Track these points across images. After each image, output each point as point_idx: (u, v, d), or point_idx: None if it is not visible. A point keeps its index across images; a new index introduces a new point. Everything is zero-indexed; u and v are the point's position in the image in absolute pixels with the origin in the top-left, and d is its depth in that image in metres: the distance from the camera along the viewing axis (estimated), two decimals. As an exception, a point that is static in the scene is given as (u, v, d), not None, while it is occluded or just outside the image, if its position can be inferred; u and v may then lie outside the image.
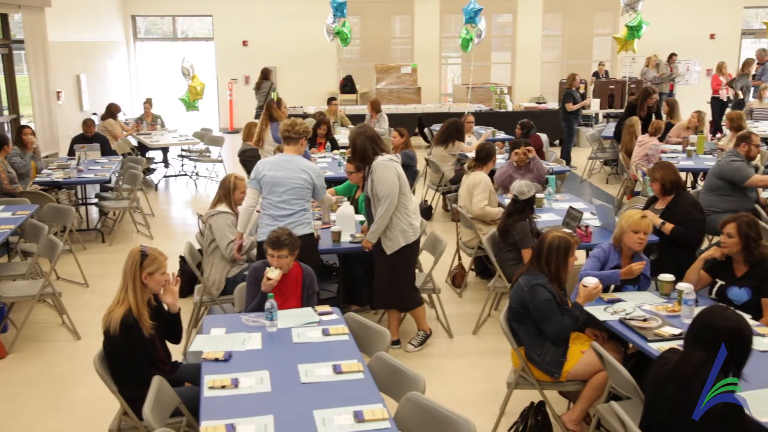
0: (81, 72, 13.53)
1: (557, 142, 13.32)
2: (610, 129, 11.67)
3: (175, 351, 4.41)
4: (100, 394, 4.11)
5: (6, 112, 11.40)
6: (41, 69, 11.36)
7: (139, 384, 3.42)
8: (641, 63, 15.43)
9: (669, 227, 5.44)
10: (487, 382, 4.98)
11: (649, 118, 10.30)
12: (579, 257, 5.01)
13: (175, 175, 12.26)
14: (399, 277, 5.28)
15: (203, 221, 5.63)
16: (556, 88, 15.95)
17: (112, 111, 11.67)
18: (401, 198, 5.10)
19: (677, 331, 3.81)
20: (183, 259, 6.21)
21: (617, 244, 4.58)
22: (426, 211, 8.99)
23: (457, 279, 6.72)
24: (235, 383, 3.29)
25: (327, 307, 4.27)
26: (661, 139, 9.44)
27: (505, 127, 11.93)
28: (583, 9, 17.81)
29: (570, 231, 4.61)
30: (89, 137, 9.94)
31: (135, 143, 11.74)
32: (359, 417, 2.98)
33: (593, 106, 14.48)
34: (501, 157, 8.58)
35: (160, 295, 3.93)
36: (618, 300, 4.32)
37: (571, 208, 5.95)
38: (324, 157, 9.20)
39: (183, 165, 12.33)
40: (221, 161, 11.81)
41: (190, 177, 12.01)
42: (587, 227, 5.61)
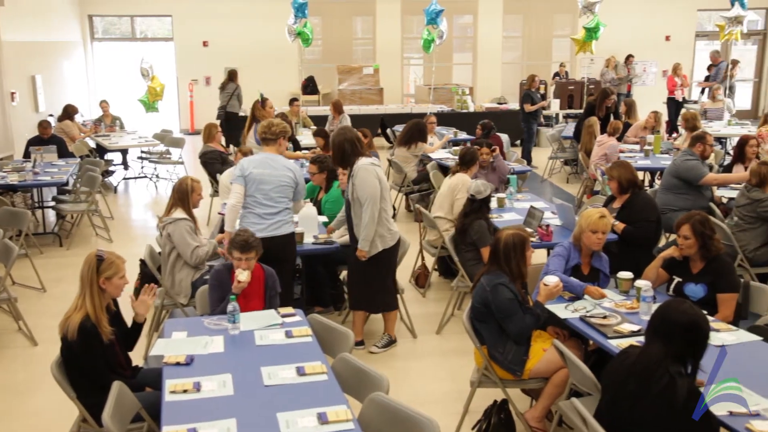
0: (36, 73, 13.25)
1: (518, 142, 13.45)
2: (569, 129, 11.83)
3: (136, 356, 4.35)
4: (58, 400, 4.03)
5: (-42, 113, 11.12)
6: (-5, 70, 11.10)
7: (99, 390, 3.37)
8: (600, 64, 15.67)
9: (620, 227, 5.54)
10: (451, 381, 5.01)
11: (608, 118, 10.47)
12: (539, 256, 5.07)
13: (135, 178, 12.09)
14: (374, 281, 5.28)
15: (160, 228, 5.55)
16: (516, 88, 16.10)
17: (68, 112, 11.46)
18: (381, 203, 5.11)
19: (636, 328, 3.88)
20: (143, 263, 6.12)
21: (577, 242, 4.64)
22: (389, 212, 9.00)
23: (421, 279, 6.74)
24: (197, 387, 3.25)
25: (290, 309, 4.25)
26: (620, 139, 9.61)
27: (467, 128, 12.01)
28: (543, 11, 18.03)
29: (523, 227, 4.67)
30: (46, 139, 9.74)
31: (93, 145, 11.54)
32: (323, 419, 2.97)
33: (553, 106, 14.67)
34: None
35: (132, 304, 3.89)
36: (578, 298, 4.38)
37: (532, 207, 6.02)
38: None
39: (143, 167, 12.16)
40: (182, 163, 11.67)
41: (150, 179, 11.85)
42: (548, 226, 5.67)
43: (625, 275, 4.48)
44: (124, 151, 12.11)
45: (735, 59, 14.44)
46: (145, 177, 11.96)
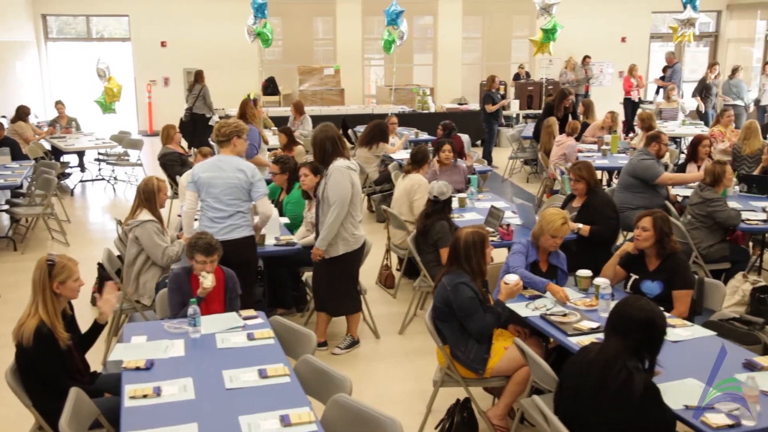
0: (-12, 73, 12.94)
1: (479, 142, 13.55)
2: (529, 129, 11.95)
3: (95, 361, 4.28)
4: (13, 408, 3.93)
5: None
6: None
7: (56, 396, 3.31)
8: (558, 65, 15.87)
9: (586, 230, 5.61)
10: (414, 381, 5.02)
11: (566, 118, 10.61)
12: (501, 255, 5.12)
13: (92, 180, 11.87)
14: (336, 283, 5.28)
15: (126, 231, 5.47)
16: (477, 89, 16.22)
17: (21, 113, 11.20)
18: (351, 207, 5.09)
19: (595, 325, 3.95)
20: (101, 266, 6.02)
21: (536, 241, 4.70)
22: (351, 213, 8.99)
23: (389, 280, 6.75)
24: (158, 392, 3.21)
25: (252, 311, 4.22)
26: (578, 139, 9.74)
27: (428, 128, 12.06)
28: (501, 12, 18.19)
29: (482, 225, 4.71)
30: (-2, 141, 9.52)
31: (48, 147, 11.31)
32: (285, 421, 2.96)
33: (513, 106, 14.81)
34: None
35: (98, 303, 3.83)
36: (539, 296, 4.44)
37: (493, 207, 6.07)
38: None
39: (100, 169, 11.94)
40: (140, 165, 11.50)
41: (108, 181, 11.65)
42: (508, 226, 5.73)
43: (584, 273, 4.55)
44: (80, 153, 11.88)
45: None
46: (103, 179, 11.76)
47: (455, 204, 6.61)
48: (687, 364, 3.53)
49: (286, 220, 6.23)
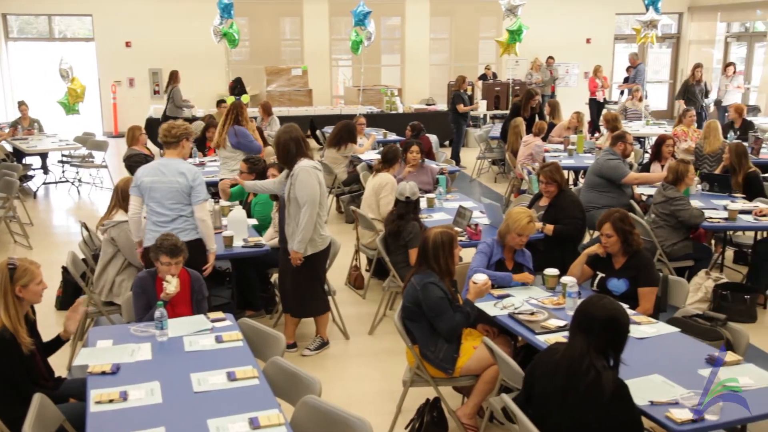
0: (-53, 73, 12.65)
1: (447, 142, 13.61)
2: (496, 129, 12.03)
3: (60, 366, 4.21)
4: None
5: None
6: None
7: (19, 403, 3.24)
8: (524, 66, 16.01)
9: (550, 229, 5.68)
10: (384, 381, 5.03)
11: (533, 118, 10.72)
12: (469, 255, 5.15)
13: (56, 182, 11.67)
14: (303, 285, 5.25)
15: (101, 232, 5.39)
16: (444, 90, 16.30)
17: (-18, 115, 10.98)
18: (318, 208, 5.07)
19: (563, 323, 3.99)
20: (66, 270, 5.92)
21: (501, 239, 4.74)
22: (320, 214, 8.96)
23: (358, 281, 6.74)
24: (124, 396, 3.17)
25: (220, 314, 4.19)
26: (544, 139, 9.84)
27: (396, 129, 12.08)
28: (468, 13, 18.30)
29: (450, 225, 4.75)
30: (-42, 143, 9.32)
31: (10, 149, 11.09)
32: (254, 423, 2.94)
33: (481, 107, 14.91)
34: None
35: (67, 320, 3.78)
36: (507, 295, 4.47)
37: (461, 207, 6.10)
38: (215, 161, 9.00)
39: (64, 171, 11.73)
40: (105, 167, 11.34)
41: (72, 184, 11.46)
42: (477, 225, 5.76)
43: (552, 272, 4.60)
44: (43, 155, 11.67)
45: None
46: (67, 181, 11.56)
47: (424, 204, 6.65)
48: (652, 360, 3.58)
49: (254, 221, 6.19)
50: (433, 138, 10.18)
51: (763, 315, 6.09)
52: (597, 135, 11.91)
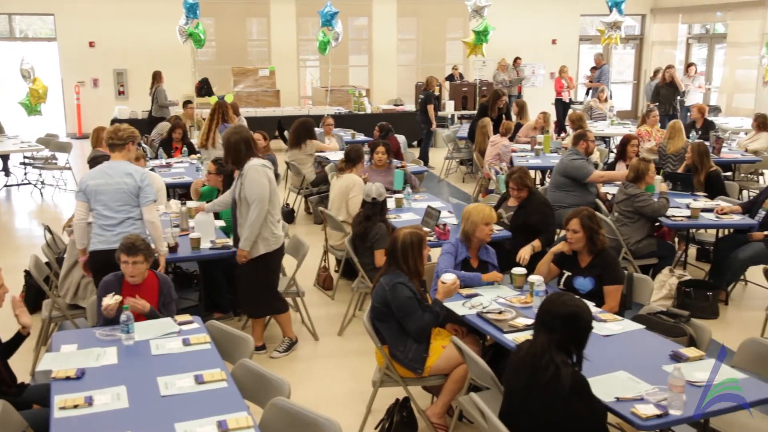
0: None
1: (415, 143, 13.64)
2: (464, 130, 12.10)
3: (23, 372, 4.13)
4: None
5: None
6: None
7: (-20, 410, 3.17)
8: (491, 66, 16.13)
9: (538, 245, 5.58)
10: (353, 381, 5.03)
11: (500, 119, 10.79)
12: (436, 255, 5.17)
13: (18, 185, 11.45)
14: (258, 284, 5.20)
15: (67, 234, 5.29)
16: (412, 90, 16.34)
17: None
18: (269, 206, 5.03)
19: (530, 322, 4.01)
20: (28, 274, 5.82)
21: (466, 238, 4.78)
22: (288, 215, 8.94)
23: (326, 281, 6.72)
24: (89, 401, 3.13)
25: (187, 316, 4.15)
26: (511, 139, 9.93)
27: (365, 129, 12.09)
28: (435, 14, 18.37)
29: (419, 226, 4.78)
30: None
31: (-30, 151, 10.87)
32: (223, 426, 2.92)
33: (448, 107, 14.97)
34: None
35: (18, 318, 3.69)
36: (475, 295, 4.50)
37: (430, 207, 6.12)
38: (181, 162, 8.92)
39: (26, 173, 11.52)
40: (69, 168, 11.15)
41: (35, 186, 11.25)
42: (445, 225, 5.79)
43: (519, 271, 4.65)
44: (4, 157, 11.44)
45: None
46: (30, 184, 11.35)
47: (392, 204, 6.66)
48: (618, 357, 3.63)
49: (221, 222, 6.14)
50: (401, 138, 10.20)
51: (725, 311, 6.22)
52: (563, 135, 12.04)
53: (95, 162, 8.33)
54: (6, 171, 11.59)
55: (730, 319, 6.10)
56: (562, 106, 14.94)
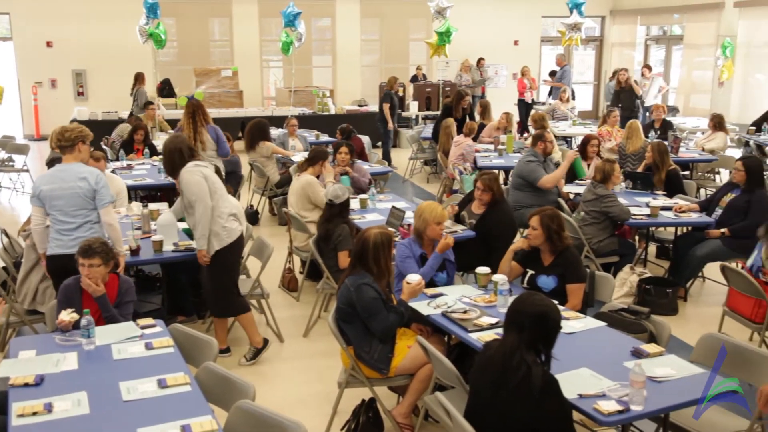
0: None
1: (380, 143, 13.66)
2: (428, 130, 12.15)
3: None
4: None
5: None
6: None
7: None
8: (454, 67, 16.23)
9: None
10: (319, 383, 5.01)
11: (464, 119, 10.86)
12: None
13: (-27, 187, 11.20)
14: (217, 283, 5.14)
15: (23, 238, 5.18)
16: (376, 91, 16.35)
17: None
18: (213, 200, 4.95)
19: (494, 320, 4.05)
20: (-16, 278, 5.68)
21: (419, 236, 4.82)
22: (252, 216, 8.88)
23: (291, 283, 6.69)
24: (49, 408, 3.06)
25: (150, 320, 4.09)
26: (475, 139, 9.99)
27: (329, 130, 12.05)
28: (398, 15, 18.41)
29: (385, 226, 4.80)
30: None
31: None
32: (187, 431, 2.89)
33: (412, 108, 15.02)
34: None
35: None
36: (440, 294, 4.52)
37: (394, 207, 6.14)
38: (143, 164, 8.80)
39: (-18, 176, 11.28)
40: (27, 171, 10.92)
41: (-10, 189, 11.02)
42: (409, 225, 5.79)
43: (483, 270, 4.68)
44: (-41, 160, 11.18)
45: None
46: (-15, 187, 11.11)
47: (357, 205, 6.65)
48: (580, 354, 3.68)
49: (185, 225, 6.07)
50: (366, 139, 10.20)
51: (684, 307, 6.34)
52: (526, 135, 12.16)
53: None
54: (-39, 174, 11.32)
55: (688, 316, 6.22)
56: (524, 106, 15.09)
